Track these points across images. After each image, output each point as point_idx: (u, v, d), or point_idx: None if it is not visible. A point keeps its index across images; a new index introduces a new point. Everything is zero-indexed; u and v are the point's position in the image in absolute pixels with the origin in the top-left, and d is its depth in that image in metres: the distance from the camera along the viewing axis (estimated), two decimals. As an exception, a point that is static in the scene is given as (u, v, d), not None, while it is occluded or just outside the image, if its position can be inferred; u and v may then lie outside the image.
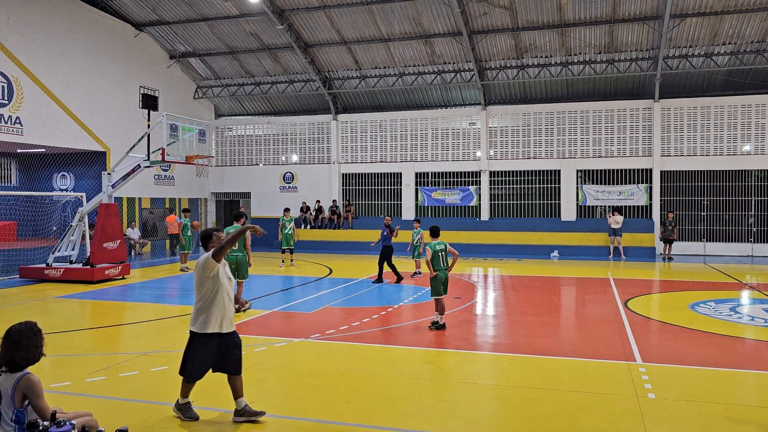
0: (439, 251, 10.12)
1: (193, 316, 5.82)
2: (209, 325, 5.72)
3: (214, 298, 5.72)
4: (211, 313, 5.72)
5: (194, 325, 5.80)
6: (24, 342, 4.25)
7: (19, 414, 4.12)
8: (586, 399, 6.53)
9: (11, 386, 4.12)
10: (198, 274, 5.74)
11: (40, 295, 13.95)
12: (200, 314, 5.76)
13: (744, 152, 22.95)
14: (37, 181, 23.77)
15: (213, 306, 5.72)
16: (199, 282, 5.75)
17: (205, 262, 5.68)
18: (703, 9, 20.43)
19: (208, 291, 5.71)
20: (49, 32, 20.28)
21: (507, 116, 25.61)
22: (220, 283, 5.75)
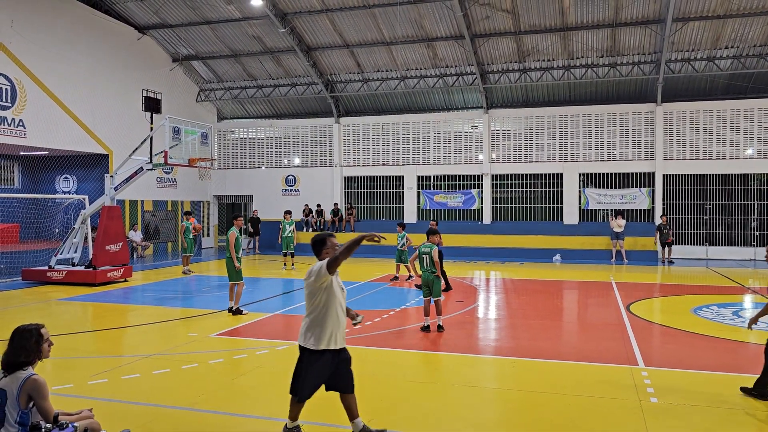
0: (423, 253, 10.24)
1: (304, 330, 5.32)
2: (322, 341, 5.22)
3: (327, 311, 5.24)
4: (325, 327, 5.22)
5: (305, 340, 5.30)
6: (16, 343, 4.28)
7: (23, 415, 4.13)
8: (589, 403, 6.52)
9: (17, 387, 4.13)
10: (310, 284, 5.23)
11: (42, 297, 13.97)
12: (312, 328, 5.26)
13: (747, 156, 22.91)
14: (39, 183, 23.82)
15: (326, 319, 5.23)
16: (310, 293, 5.27)
17: (319, 273, 5.13)
18: (706, 13, 20.43)
19: (320, 303, 5.23)
20: (52, 35, 20.34)
21: (509, 119, 25.62)
22: (333, 294, 5.26)
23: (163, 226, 25.94)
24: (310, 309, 5.30)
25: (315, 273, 5.16)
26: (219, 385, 7.13)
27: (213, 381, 7.33)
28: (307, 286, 5.28)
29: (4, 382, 4.17)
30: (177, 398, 6.66)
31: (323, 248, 5.32)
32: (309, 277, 5.22)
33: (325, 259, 5.18)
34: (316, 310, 5.25)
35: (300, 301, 13.46)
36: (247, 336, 9.90)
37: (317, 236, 5.44)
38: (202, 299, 13.82)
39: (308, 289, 5.28)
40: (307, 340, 5.28)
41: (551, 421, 6.03)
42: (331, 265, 5.07)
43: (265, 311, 11.95)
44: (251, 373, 7.65)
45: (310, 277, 5.21)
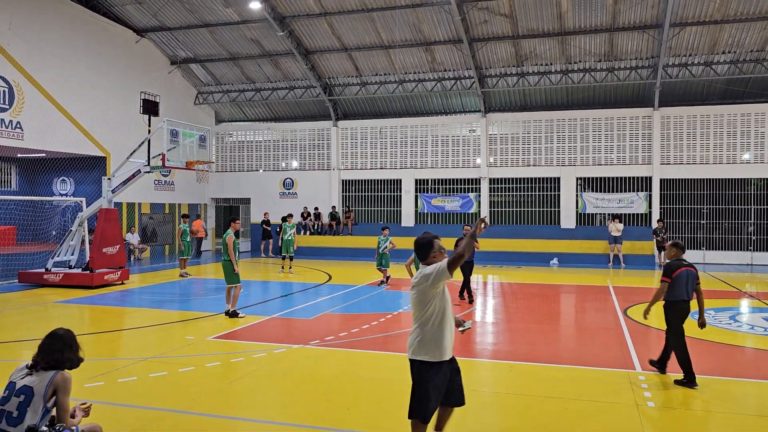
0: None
1: (417, 342, 4.77)
2: (440, 352, 4.73)
3: (442, 318, 4.73)
4: (442, 336, 4.73)
5: (421, 352, 4.74)
6: (75, 346, 4.34)
7: (45, 413, 4.17)
8: (586, 407, 6.52)
9: (45, 383, 4.17)
10: (424, 289, 4.68)
11: (39, 300, 13.93)
12: (428, 338, 4.72)
13: (743, 161, 22.98)
14: (37, 185, 23.78)
15: (443, 328, 4.73)
16: (423, 300, 4.71)
17: (438, 276, 4.60)
18: (703, 18, 20.51)
19: (435, 310, 4.71)
20: (50, 37, 20.33)
21: (507, 123, 25.66)
22: (446, 299, 4.79)
23: (160, 229, 25.91)
24: (421, 317, 4.75)
25: (432, 277, 4.63)
26: (216, 389, 7.12)
27: (210, 384, 7.32)
28: (420, 293, 4.73)
29: (29, 379, 4.19)
30: (174, 401, 6.64)
31: (431, 251, 4.86)
32: (424, 281, 4.68)
33: (436, 262, 4.72)
34: (431, 318, 4.72)
35: (298, 304, 13.46)
36: (244, 339, 9.89)
37: (423, 239, 4.95)
38: (199, 302, 13.80)
39: (420, 296, 4.73)
40: (423, 352, 4.74)
41: (549, 426, 6.03)
42: (452, 266, 4.55)
43: (262, 314, 11.93)
44: (248, 376, 7.64)
45: (426, 281, 4.66)
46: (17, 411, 4.09)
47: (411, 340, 4.83)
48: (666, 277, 7.58)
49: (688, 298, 7.54)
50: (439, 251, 4.87)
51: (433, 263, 4.75)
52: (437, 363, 4.73)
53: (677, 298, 7.52)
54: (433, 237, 4.92)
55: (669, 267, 7.66)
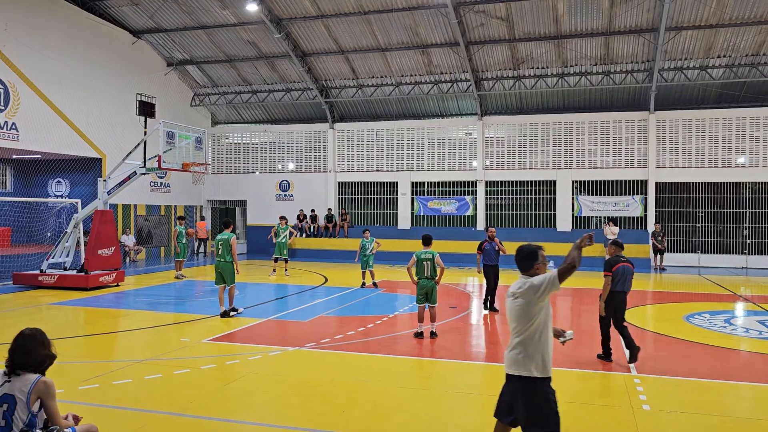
0: (424, 260, 10.19)
1: (522, 357, 4.46)
2: (549, 366, 4.49)
3: (546, 329, 4.50)
4: (549, 350, 4.50)
5: (528, 368, 4.44)
6: (47, 343, 4.30)
7: (32, 419, 4.13)
8: (582, 410, 6.52)
9: (27, 390, 4.12)
10: (531, 301, 4.43)
11: (33, 301, 13.88)
12: (534, 352, 4.45)
13: (739, 164, 23.07)
14: (32, 187, 23.71)
15: (548, 340, 4.51)
16: (528, 313, 4.45)
17: (547, 287, 4.36)
18: (698, 22, 20.60)
19: (540, 321, 4.47)
20: (46, 39, 20.29)
21: (503, 126, 25.71)
22: (550, 311, 4.56)
23: (156, 231, 25.86)
24: (525, 331, 4.48)
25: (541, 288, 4.36)
26: (211, 391, 7.10)
27: (205, 386, 7.30)
28: (526, 305, 4.45)
29: (9, 387, 4.14)
30: (169, 404, 6.62)
31: (535, 263, 4.62)
32: (531, 293, 4.41)
33: (540, 274, 4.52)
34: (535, 331, 4.46)
35: (294, 306, 13.43)
36: (240, 341, 9.87)
37: (527, 249, 4.71)
38: (195, 304, 13.77)
39: (526, 308, 4.45)
40: (532, 367, 4.43)
41: (544, 428, 6.02)
42: (563, 276, 4.32)
43: (258, 316, 11.91)
44: (243, 378, 7.62)
45: (534, 293, 4.40)
46: (3, 420, 4.07)
47: (514, 357, 4.50)
48: (607, 271, 8.66)
49: (624, 290, 8.64)
50: (543, 262, 4.65)
51: (536, 275, 4.53)
52: (548, 378, 4.48)
53: (614, 290, 8.60)
54: (537, 247, 4.70)
55: (609, 263, 8.76)
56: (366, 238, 16.69)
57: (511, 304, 4.55)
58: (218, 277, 11.92)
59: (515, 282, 4.62)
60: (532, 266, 4.61)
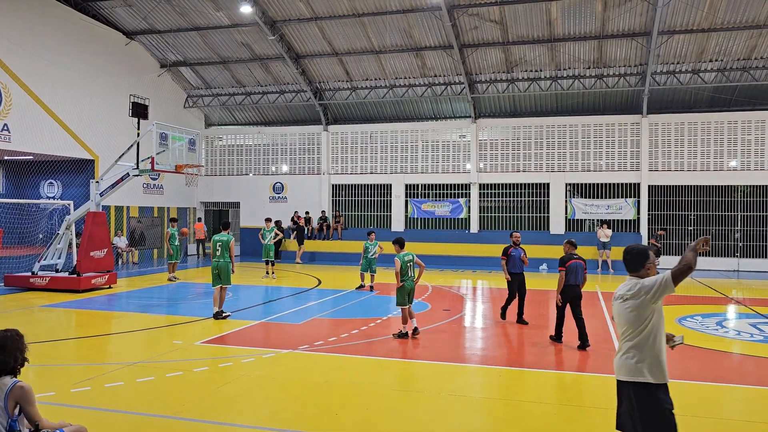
0: (408, 262, 10.44)
1: (635, 362, 4.28)
2: (666, 372, 4.32)
3: (659, 332, 4.31)
4: (663, 354, 4.31)
5: (645, 373, 4.26)
6: (9, 347, 4.22)
7: (12, 424, 4.08)
8: (574, 412, 6.53)
9: (3, 395, 4.07)
10: (641, 304, 4.25)
11: (25, 303, 13.79)
12: (649, 357, 4.27)
13: (730, 168, 23.21)
14: (24, 188, 23.58)
15: (662, 345, 4.31)
16: (641, 316, 4.26)
17: (661, 288, 4.16)
18: (691, 26, 20.73)
19: (654, 326, 4.27)
20: (39, 39, 20.20)
21: (497, 129, 25.77)
22: (662, 314, 4.36)
23: (148, 233, 25.77)
24: (637, 335, 4.30)
25: (653, 290, 4.19)
26: (204, 394, 7.07)
27: (198, 389, 7.27)
28: (638, 307, 4.27)
29: None
30: (161, 406, 6.59)
31: (646, 262, 4.44)
32: (643, 294, 4.24)
33: (650, 276, 4.37)
34: (648, 335, 4.28)
35: (287, 308, 13.40)
36: (233, 344, 9.84)
37: (637, 248, 4.54)
38: (187, 306, 13.72)
39: (638, 311, 4.27)
40: (648, 373, 4.25)
41: (538, 431, 6.03)
42: (677, 278, 4.12)
43: (251, 319, 11.88)
44: (236, 381, 7.60)
45: (646, 294, 4.22)
46: None
47: (626, 361, 4.34)
48: (562, 267, 9.88)
49: (576, 283, 9.82)
50: (653, 263, 4.47)
51: (646, 275, 4.38)
52: (665, 385, 4.29)
53: (568, 283, 9.83)
54: (647, 247, 4.57)
55: (563, 259, 9.97)
56: (370, 240, 16.61)
57: (620, 307, 4.39)
58: (215, 278, 11.93)
59: (623, 284, 4.47)
60: (643, 266, 4.44)
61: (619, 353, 4.43)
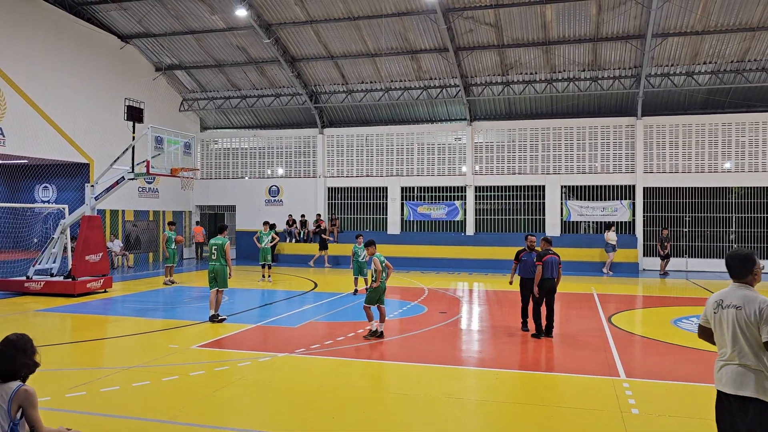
0: (382, 262, 10.70)
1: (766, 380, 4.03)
2: None
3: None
4: None
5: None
6: (29, 350, 4.22)
7: (13, 427, 4.07)
8: (571, 414, 6.54)
9: (7, 399, 4.07)
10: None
11: (19, 308, 13.73)
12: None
13: (725, 170, 23.30)
14: (18, 192, 23.49)
15: None
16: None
17: None
18: (685, 29, 20.82)
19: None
20: (33, 43, 20.16)
21: (492, 132, 25.82)
22: None
23: (144, 237, 25.70)
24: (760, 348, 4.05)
25: None
26: (200, 398, 7.05)
27: (194, 393, 7.25)
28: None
29: None
30: (157, 411, 6.57)
31: (754, 267, 4.22)
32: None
33: (756, 281, 4.20)
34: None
35: (284, 312, 13.38)
36: (229, 348, 9.82)
37: (744, 253, 4.27)
38: (184, 310, 13.68)
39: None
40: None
41: (534, 433, 6.04)
42: None
43: (247, 322, 11.86)
44: (233, 385, 7.58)
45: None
46: None
47: (751, 376, 4.05)
48: (538, 261, 10.63)
49: (552, 277, 10.59)
50: (760, 269, 4.27)
51: (753, 282, 4.18)
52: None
53: (543, 277, 10.56)
54: (752, 251, 4.33)
55: (539, 254, 10.72)
56: (358, 244, 16.46)
57: (736, 315, 4.13)
58: (211, 281, 11.92)
59: (730, 291, 4.27)
60: (751, 272, 4.21)
61: (732, 364, 4.15)
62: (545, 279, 10.55)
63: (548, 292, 10.58)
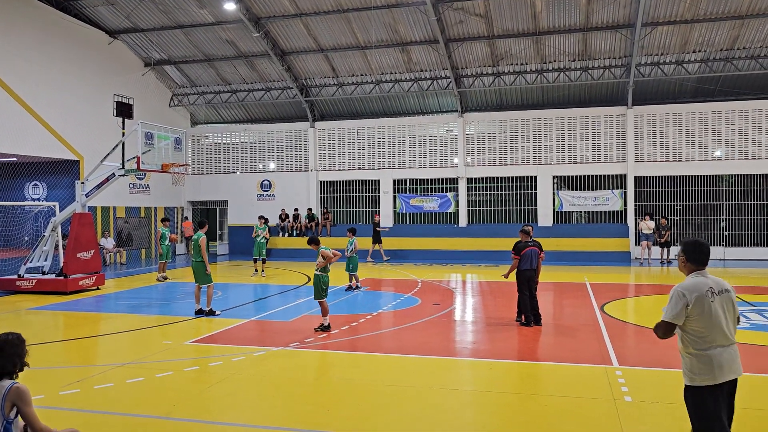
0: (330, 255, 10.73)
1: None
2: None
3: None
4: None
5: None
6: (8, 350, 4.20)
7: (7, 425, 4.06)
8: (565, 403, 6.58)
9: (1, 396, 4.06)
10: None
11: (11, 306, 13.66)
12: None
13: (715, 158, 23.42)
14: (8, 190, 23.30)
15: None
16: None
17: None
18: (674, 17, 20.86)
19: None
20: (20, 40, 19.96)
21: (483, 123, 25.83)
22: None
23: (136, 233, 25.59)
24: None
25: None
26: (194, 393, 7.04)
27: (188, 389, 7.24)
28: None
29: None
30: (151, 407, 6.56)
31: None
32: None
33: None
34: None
35: (277, 306, 13.37)
36: (223, 342, 9.81)
37: (706, 243, 4.55)
38: (177, 306, 13.64)
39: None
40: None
41: (528, 422, 6.07)
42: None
43: (240, 317, 11.85)
44: (227, 379, 7.58)
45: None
46: None
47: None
48: (517, 254, 10.76)
49: (531, 267, 10.72)
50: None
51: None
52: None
53: (523, 268, 10.75)
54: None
55: (517, 246, 10.82)
56: (350, 238, 16.36)
57: (732, 297, 4.41)
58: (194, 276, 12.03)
59: (710, 278, 4.45)
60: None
61: (731, 348, 4.37)
62: (525, 270, 10.71)
63: (528, 281, 10.72)
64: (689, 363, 4.31)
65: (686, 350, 4.34)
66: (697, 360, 4.26)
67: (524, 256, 10.70)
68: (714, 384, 4.22)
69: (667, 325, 4.34)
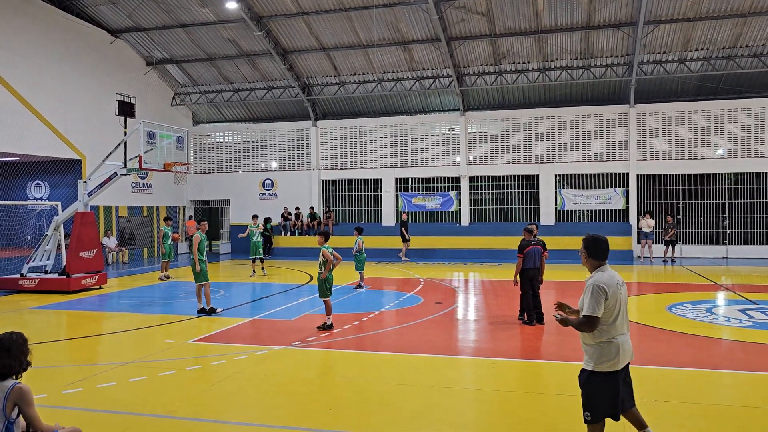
0: (332, 253, 10.60)
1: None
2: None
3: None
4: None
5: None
6: (15, 350, 4.21)
7: (9, 426, 4.07)
8: (567, 401, 6.57)
9: (3, 397, 4.06)
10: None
11: (14, 306, 13.69)
12: None
13: (717, 156, 23.38)
14: (10, 189, 23.32)
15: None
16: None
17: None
18: (676, 15, 20.81)
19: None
20: (22, 39, 19.98)
21: (485, 122, 25.80)
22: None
23: (138, 232, 25.62)
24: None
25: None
26: (197, 392, 7.05)
27: (191, 388, 7.25)
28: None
29: None
30: (154, 406, 6.57)
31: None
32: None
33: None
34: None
35: (280, 305, 13.38)
36: (225, 341, 9.81)
37: (606, 238, 4.85)
38: (179, 305, 13.66)
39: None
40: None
41: (531, 420, 6.07)
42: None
43: (243, 316, 11.86)
44: (229, 379, 7.58)
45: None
46: None
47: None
48: (520, 253, 10.81)
49: (535, 266, 10.79)
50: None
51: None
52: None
53: (526, 267, 10.80)
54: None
55: (521, 246, 10.85)
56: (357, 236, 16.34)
57: (625, 290, 4.79)
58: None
59: (611, 272, 4.80)
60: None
61: (627, 336, 4.74)
62: (528, 269, 10.77)
63: (531, 280, 10.78)
64: (598, 351, 4.60)
65: (595, 340, 4.63)
66: (606, 348, 4.58)
67: (527, 254, 10.78)
68: (617, 369, 4.59)
69: (594, 320, 4.57)
